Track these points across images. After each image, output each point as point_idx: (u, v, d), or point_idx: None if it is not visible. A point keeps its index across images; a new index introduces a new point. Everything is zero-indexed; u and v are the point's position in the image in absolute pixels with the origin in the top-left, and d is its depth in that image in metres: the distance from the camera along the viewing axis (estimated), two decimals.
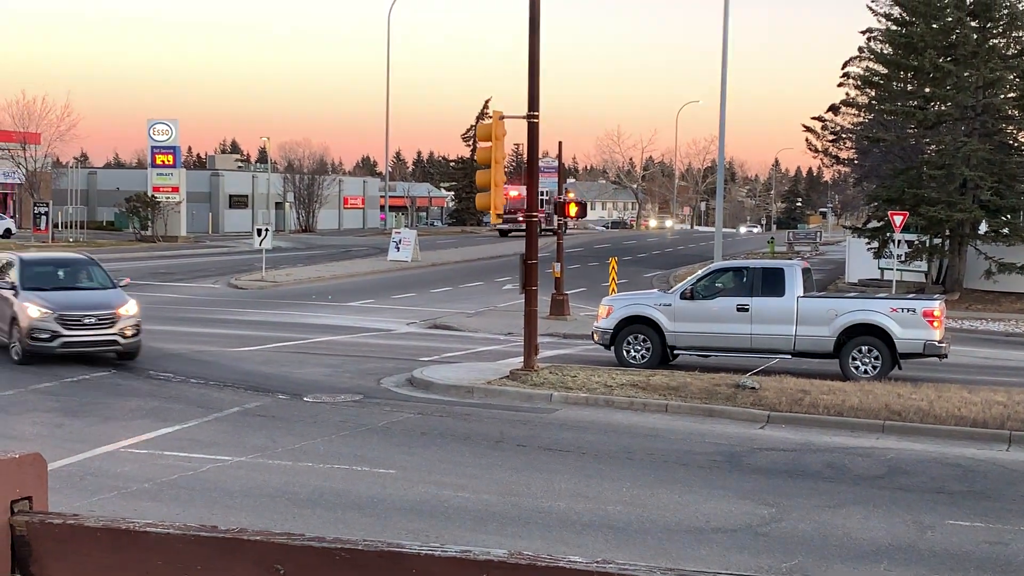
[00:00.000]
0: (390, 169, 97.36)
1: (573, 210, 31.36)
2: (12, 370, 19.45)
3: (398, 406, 17.10)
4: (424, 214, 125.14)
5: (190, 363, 20.67)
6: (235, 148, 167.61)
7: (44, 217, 67.07)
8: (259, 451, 13.68)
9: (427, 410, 16.82)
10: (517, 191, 69.41)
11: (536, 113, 18.87)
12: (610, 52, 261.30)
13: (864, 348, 20.41)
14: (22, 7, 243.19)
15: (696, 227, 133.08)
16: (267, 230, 41.78)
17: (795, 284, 20.83)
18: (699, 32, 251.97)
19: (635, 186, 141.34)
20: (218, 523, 2.29)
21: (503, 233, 74.86)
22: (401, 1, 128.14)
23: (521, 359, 20.25)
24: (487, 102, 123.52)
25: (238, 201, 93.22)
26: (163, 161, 71.14)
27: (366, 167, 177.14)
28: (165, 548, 2.28)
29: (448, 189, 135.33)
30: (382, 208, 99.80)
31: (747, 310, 20.86)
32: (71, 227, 71.38)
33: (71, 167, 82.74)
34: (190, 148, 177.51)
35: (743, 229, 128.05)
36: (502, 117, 19.45)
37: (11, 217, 73.64)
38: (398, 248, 53.79)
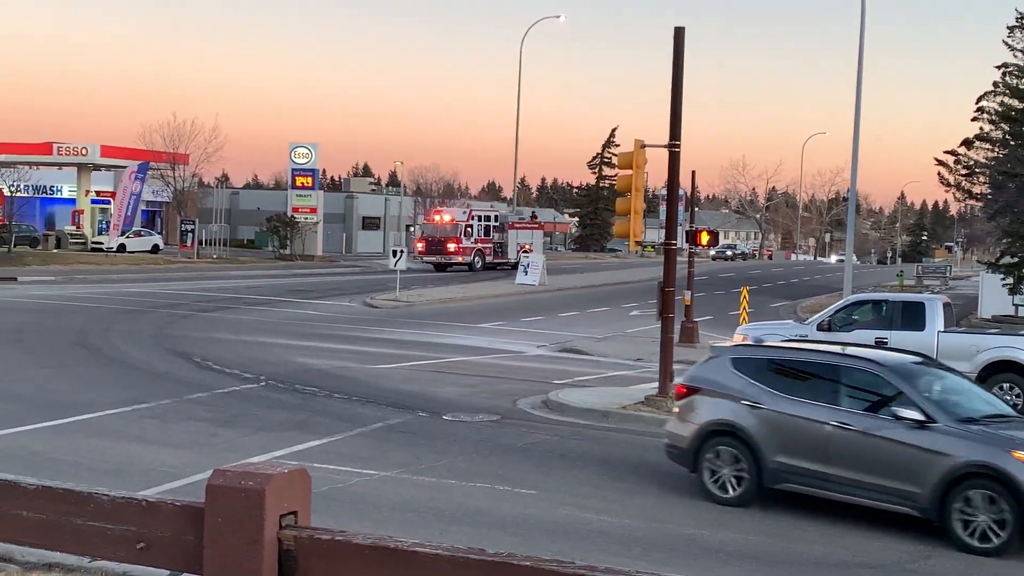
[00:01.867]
0: (515, 194, 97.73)
1: (705, 239, 31.02)
2: (166, 380, 19.97)
3: (535, 427, 17.05)
4: (548, 239, 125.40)
5: (333, 378, 20.95)
6: (367, 172, 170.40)
7: (190, 234, 69.03)
8: (403, 466, 13.76)
9: (564, 432, 16.73)
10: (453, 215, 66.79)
11: (677, 142, 18.70)
12: (736, 82, 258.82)
13: (1005, 385, 19.70)
14: (175, 33, 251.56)
15: (819, 258, 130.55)
16: (402, 252, 42.26)
17: (936, 318, 20.22)
18: (828, 63, 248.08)
19: (758, 216, 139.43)
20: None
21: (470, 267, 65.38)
22: (533, 32, 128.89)
23: (654, 385, 20.04)
24: (614, 130, 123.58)
25: (371, 223, 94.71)
26: (302, 183, 72.67)
27: (491, 192, 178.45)
28: (433, 569, 2.24)
29: (572, 215, 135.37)
30: None
31: (886, 343, 20.30)
32: (214, 244, 73.35)
33: (215, 187, 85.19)
34: (325, 171, 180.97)
35: (834, 259, 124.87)
36: (643, 146, 19.33)
37: (159, 233, 75.98)
38: (526, 272, 53.92)
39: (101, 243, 69.07)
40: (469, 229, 64.98)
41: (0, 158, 66.56)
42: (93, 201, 74.72)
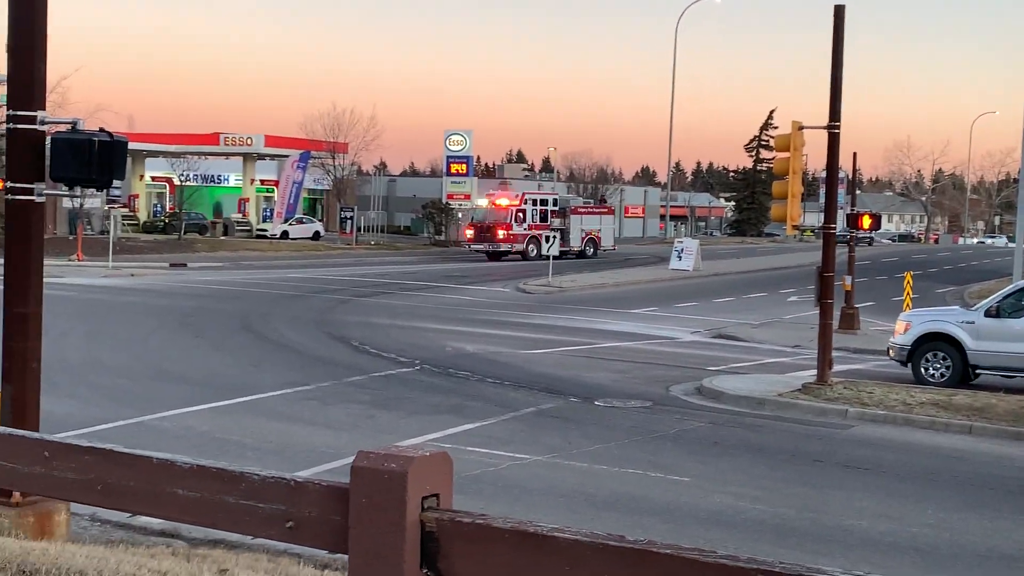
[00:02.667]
0: (670, 179, 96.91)
1: (867, 222, 30.17)
2: (325, 363, 20.50)
3: (688, 414, 16.89)
4: (703, 224, 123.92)
5: (486, 363, 21.17)
6: (521, 158, 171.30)
7: (349, 221, 70.67)
8: (555, 451, 13.80)
9: (718, 420, 16.53)
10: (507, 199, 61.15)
11: (837, 123, 18.21)
12: (901, 61, 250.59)
13: None
14: (335, 25, 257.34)
15: (985, 240, 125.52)
16: (554, 237, 42.35)
17: None
18: (996, 40, 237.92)
19: (923, 199, 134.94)
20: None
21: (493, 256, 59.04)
22: (688, 14, 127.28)
23: (812, 372, 19.60)
24: (771, 112, 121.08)
25: None
26: (457, 170, 73.55)
27: (645, 177, 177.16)
28: (573, 554, 2.23)
29: (728, 200, 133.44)
30: (662, 217, 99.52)
31: None
32: (372, 231, 74.94)
33: (373, 175, 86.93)
34: (479, 157, 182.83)
35: (989, 240, 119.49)
36: (802, 127, 18.89)
37: (320, 221, 78.02)
38: (680, 257, 53.43)
39: (265, 230, 71.34)
40: (521, 214, 59.34)
41: (171, 149, 69.35)
42: (258, 190, 77.20)
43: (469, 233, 60.86)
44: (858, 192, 54.86)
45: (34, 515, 8.44)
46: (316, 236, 72.30)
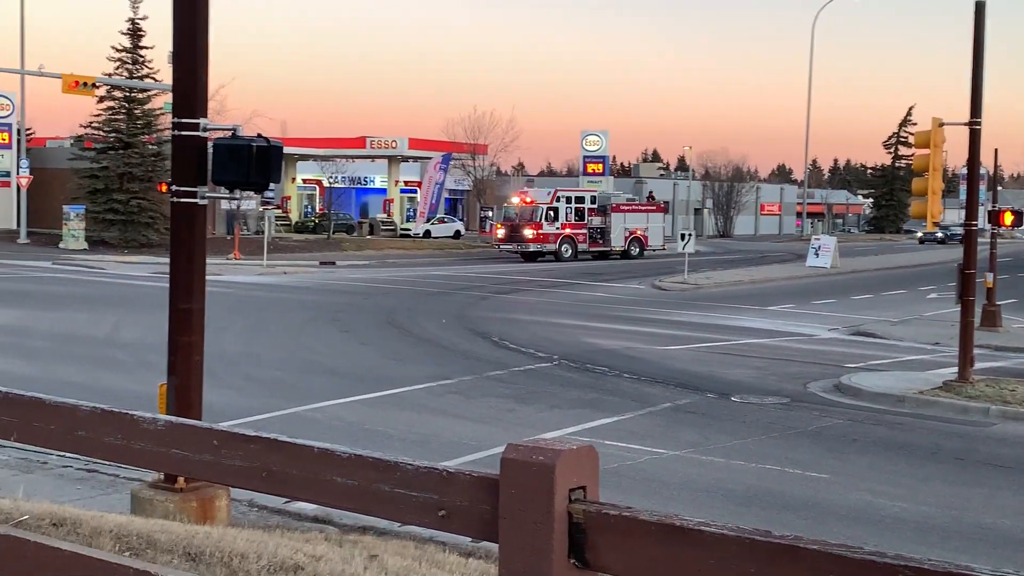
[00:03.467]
0: (807, 176, 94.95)
1: (1008, 219, 29.05)
2: (467, 357, 20.72)
3: (826, 411, 16.53)
4: (840, 221, 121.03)
5: (623, 359, 21.08)
6: (656, 157, 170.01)
7: (488, 220, 71.22)
8: (692, 446, 13.68)
9: (857, 417, 16.13)
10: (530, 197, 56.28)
11: (978, 119, 17.57)
12: None
13: None
14: (474, 29, 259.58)
15: None
16: (690, 235, 41.96)
17: None
18: None
19: None
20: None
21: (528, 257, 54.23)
22: (826, 10, 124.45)
23: (952, 370, 18.96)
24: (910, 109, 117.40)
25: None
26: (593, 169, 73.49)
27: (781, 174, 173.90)
28: (719, 549, 2.21)
29: (865, 196, 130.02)
30: (798, 215, 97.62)
31: None
32: None
33: (512, 175, 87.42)
34: (614, 157, 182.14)
35: None
36: (942, 124, 18.29)
37: (461, 220, 78.86)
38: (817, 254, 52.30)
39: (409, 229, 72.45)
40: (552, 212, 54.05)
41: (320, 152, 71.01)
42: (402, 190, 78.46)
43: (500, 233, 55.94)
44: (999, 188, 52.64)
45: (197, 500, 8.75)
46: (457, 235, 73.11)
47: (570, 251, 54.40)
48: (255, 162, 9.15)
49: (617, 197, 62.11)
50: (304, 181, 78.76)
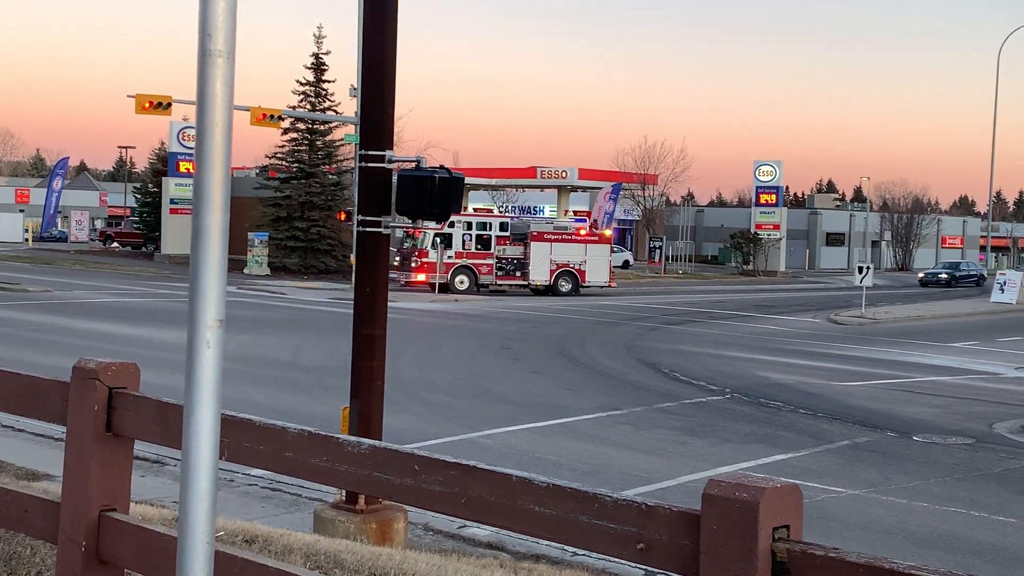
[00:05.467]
0: (991, 209, 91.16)
1: None
2: (636, 388, 20.61)
3: (1014, 452, 15.78)
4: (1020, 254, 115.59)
5: (798, 393, 20.62)
6: (831, 187, 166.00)
7: (657, 251, 70.90)
8: (871, 486, 13.25)
9: None
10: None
11: None
12: None
13: None
14: (643, 62, 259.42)
15: None
16: (868, 268, 40.79)
17: None
18: None
19: None
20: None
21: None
22: (1011, 40, 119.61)
23: None
24: None
25: (835, 239, 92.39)
26: (766, 200, 72.30)
27: (963, 206, 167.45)
28: None
29: None
30: (982, 248, 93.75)
31: None
32: (680, 260, 74.78)
33: (681, 205, 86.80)
34: (787, 187, 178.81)
35: None
36: None
37: (629, 250, 78.70)
38: (1003, 290, 50.11)
39: None
40: (443, 239, 47.19)
41: (492, 182, 72.06)
42: (573, 220, 78.77)
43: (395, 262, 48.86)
44: None
45: (376, 522, 8.96)
46: (626, 265, 72.95)
47: (467, 283, 47.73)
48: (437, 193, 9.38)
49: (537, 225, 53.61)
50: (475, 210, 80.00)
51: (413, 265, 47.48)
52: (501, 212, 70.10)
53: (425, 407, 17.62)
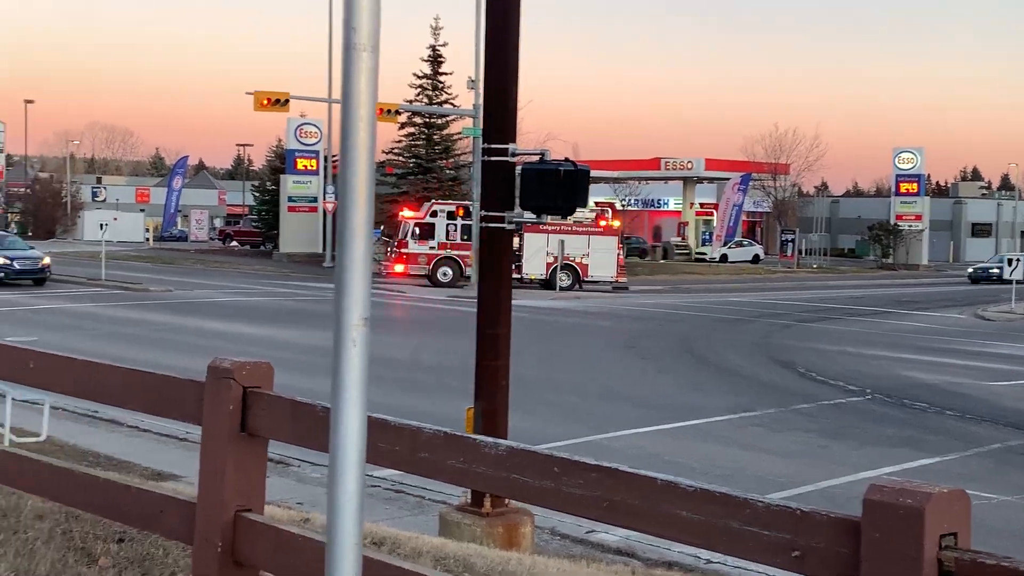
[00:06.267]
0: None
1: None
2: (769, 388, 20.33)
3: None
4: None
5: (943, 394, 20.06)
6: (976, 175, 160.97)
7: (790, 244, 69.74)
8: None
9: None
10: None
11: None
12: None
13: None
14: (775, 48, 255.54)
15: None
16: (1018, 261, 39.46)
17: None
18: None
19: None
20: None
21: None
22: None
23: None
24: None
25: (981, 230, 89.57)
26: (907, 189, 70.52)
27: None
28: None
29: None
30: None
31: None
32: (814, 254, 73.42)
33: (815, 196, 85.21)
34: (929, 176, 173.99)
35: None
36: None
37: (759, 244, 77.60)
38: None
39: (704, 253, 72.05)
40: (422, 230, 46.51)
41: (613, 175, 71.86)
42: (697, 213, 78.13)
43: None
44: None
45: (503, 526, 9.03)
46: (755, 259, 72.00)
47: (451, 274, 46.55)
48: (562, 186, 9.39)
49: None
50: (597, 204, 79.92)
51: (391, 256, 46.96)
52: (623, 205, 69.92)
53: (548, 408, 17.67)
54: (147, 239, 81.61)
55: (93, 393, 4.64)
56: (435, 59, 59.13)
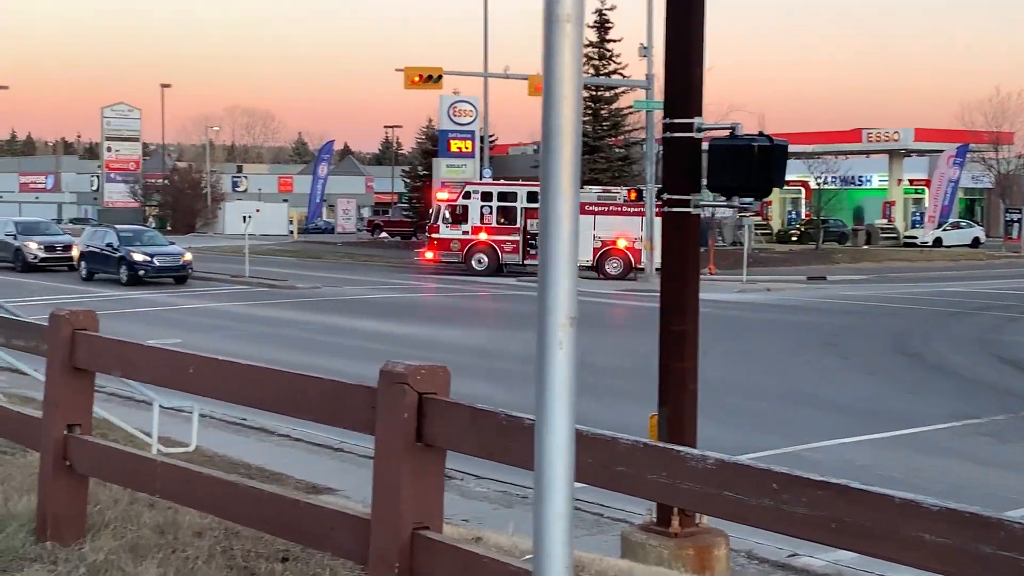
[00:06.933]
0: None
1: None
2: (997, 391, 19.69)
3: None
4: None
5: None
6: None
7: (1016, 225, 67.27)
8: None
9: None
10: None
11: None
12: None
13: None
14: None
15: None
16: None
17: None
18: None
19: None
20: None
21: None
22: None
23: None
24: None
25: None
26: None
27: None
28: None
29: None
30: None
31: None
32: None
33: None
34: None
35: None
36: None
37: (979, 225, 75.11)
38: None
39: (914, 237, 70.11)
40: (455, 213, 47.61)
41: (807, 149, 70.51)
42: (905, 191, 76.10)
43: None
44: None
45: (693, 547, 8.99)
46: (975, 243, 69.72)
47: (486, 261, 47.29)
48: (756, 164, 9.27)
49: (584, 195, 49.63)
50: (787, 183, 78.60)
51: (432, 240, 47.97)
52: (819, 184, 68.53)
53: (736, 414, 17.48)
54: (291, 231, 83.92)
55: (256, 400, 4.81)
56: (602, 25, 59.15)
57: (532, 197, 46.85)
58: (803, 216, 78.71)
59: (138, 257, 39.50)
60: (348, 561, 4.95)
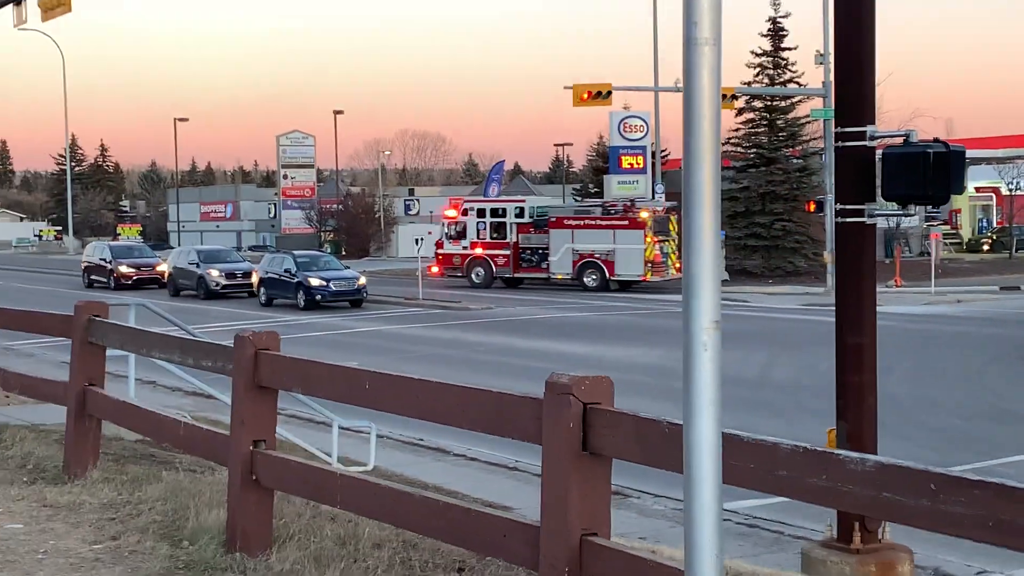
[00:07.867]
0: None
1: None
2: None
3: None
4: None
5: None
6: None
7: None
8: None
9: None
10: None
11: None
12: None
13: None
14: None
15: None
16: None
17: None
18: None
19: None
20: None
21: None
22: None
23: None
24: None
25: None
26: None
27: None
28: None
29: None
30: None
31: None
32: None
33: None
34: None
35: None
36: None
37: None
38: None
39: None
40: (456, 229, 51.55)
41: (997, 154, 68.42)
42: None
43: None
44: None
45: (876, 563, 8.95)
46: None
47: (483, 274, 50.45)
48: (932, 171, 9.21)
49: (556, 209, 53.50)
50: (977, 190, 76.33)
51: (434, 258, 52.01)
52: (1011, 190, 66.40)
53: (924, 431, 17.20)
54: None
55: (427, 413, 5.07)
56: (776, 33, 58.49)
57: (520, 213, 50.88)
58: (994, 224, 76.24)
59: (315, 282, 40.69)
60: (520, 574, 5.18)
